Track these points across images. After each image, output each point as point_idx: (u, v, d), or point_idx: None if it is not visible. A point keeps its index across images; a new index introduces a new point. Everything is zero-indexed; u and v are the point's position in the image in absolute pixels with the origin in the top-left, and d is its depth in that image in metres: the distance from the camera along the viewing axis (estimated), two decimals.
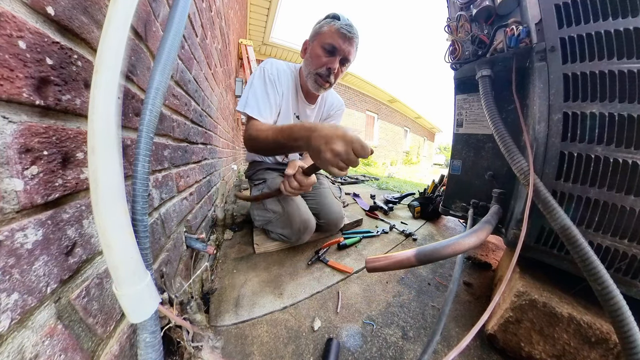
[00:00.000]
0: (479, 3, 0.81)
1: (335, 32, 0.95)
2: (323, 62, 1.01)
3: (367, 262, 0.60)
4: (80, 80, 0.33)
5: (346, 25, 0.94)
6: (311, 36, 1.04)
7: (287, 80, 1.12)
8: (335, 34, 0.95)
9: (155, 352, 0.38)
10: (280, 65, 1.11)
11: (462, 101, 0.99)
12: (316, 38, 1.01)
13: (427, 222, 1.68)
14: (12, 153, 0.24)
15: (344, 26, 0.94)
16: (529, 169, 0.61)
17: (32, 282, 0.26)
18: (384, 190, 2.94)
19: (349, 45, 0.98)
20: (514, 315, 0.61)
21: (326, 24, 0.97)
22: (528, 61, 0.71)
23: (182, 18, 0.44)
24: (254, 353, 0.63)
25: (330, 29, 0.96)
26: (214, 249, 0.83)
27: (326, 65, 1.00)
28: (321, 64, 1.01)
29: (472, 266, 1.08)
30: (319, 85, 1.07)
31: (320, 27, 0.99)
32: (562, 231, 0.53)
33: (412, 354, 0.65)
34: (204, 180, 1.14)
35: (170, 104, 0.68)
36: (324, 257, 1.07)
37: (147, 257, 0.39)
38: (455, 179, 1.05)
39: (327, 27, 0.97)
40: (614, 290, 0.45)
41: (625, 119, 0.51)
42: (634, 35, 0.50)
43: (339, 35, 0.95)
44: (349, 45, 0.98)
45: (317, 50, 1.01)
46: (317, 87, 1.09)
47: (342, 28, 0.94)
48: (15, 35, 0.24)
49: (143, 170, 0.38)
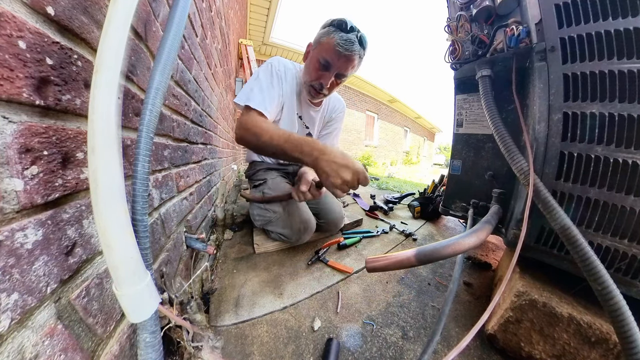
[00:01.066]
0: (479, 3, 0.81)
1: (332, 48, 0.90)
2: (317, 76, 0.99)
3: (367, 262, 0.60)
4: (80, 80, 0.33)
5: (344, 42, 0.87)
6: (314, 41, 1.00)
7: (292, 80, 1.12)
8: (331, 49, 0.90)
9: (155, 352, 0.38)
10: (287, 64, 1.11)
11: (462, 101, 0.99)
12: (316, 47, 0.97)
13: (427, 222, 1.68)
14: (12, 153, 0.24)
15: (341, 43, 0.87)
16: (529, 169, 0.61)
17: (32, 282, 0.26)
18: (384, 190, 2.94)
19: (346, 61, 0.92)
20: (514, 315, 0.61)
21: (326, 34, 0.92)
22: (528, 61, 0.71)
23: (182, 18, 0.44)
24: (254, 353, 0.63)
25: (328, 42, 0.91)
26: (214, 249, 0.83)
27: (319, 80, 0.99)
28: (315, 78, 1.00)
29: (472, 266, 1.08)
30: (312, 96, 1.08)
31: (321, 37, 0.95)
32: (562, 231, 0.53)
33: (412, 354, 0.65)
34: (204, 180, 1.14)
35: (170, 104, 0.68)
36: (324, 257, 1.07)
37: (147, 257, 0.39)
38: (455, 179, 1.05)
39: (326, 38, 0.91)
40: (614, 290, 0.45)
41: (625, 119, 0.51)
42: (634, 35, 0.50)
43: (334, 51, 0.90)
44: (346, 61, 0.92)
45: (314, 62, 0.98)
46: (310, 97, 1.10)
47: (338, 45, 0.88)
48: (15, 35, 0.24)
49: (143, 170, 0.38)
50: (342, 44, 0.88)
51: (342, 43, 0.88)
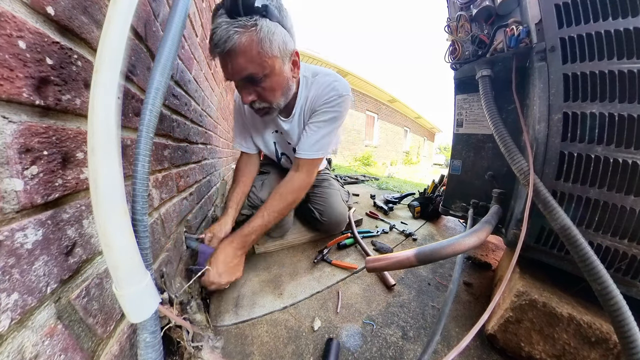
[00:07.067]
0: (479, 3, 0.81)
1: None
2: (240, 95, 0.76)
3: (367, 262, 0.60)
4: (80, 80, 0.33)
5: (212, 35, 0.59)
6: None
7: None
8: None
9: (155, 352, 0.38)
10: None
11: (462, 101, 0.99)
12: None
13: (427, 222, 1.68)
14: (12, 153, 0.24)
15: (213, 48, 0.61)
16: (529, 169, 0.61)
17: (32, 282, 0.26)
18: (384, 190, 2.93)
19: (230, 59, 0.62)
20: (514, 315, 0.61)
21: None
22: (528, 61, 0.71)
23: (182, 18, 0.44)
24: (254, 353, 0.63)
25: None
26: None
27: (242, 98, 0.76)
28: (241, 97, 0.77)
29: (472, 266, 1.08)
30: (260, 115, 0.86)
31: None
32: (562, 231, 0.53)
33: (412, 354, 0.65)
34: (204, 180, 1.14)
35: (170, 104, 0.68)
36: (327, 257, 1.07)
37: (147, 257, 0.39)
38: (455, 179, 1.05)
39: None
40: (614, 290, 0.45)
41: (625, 119, 0.51)
42: (634, 35, 0.50)
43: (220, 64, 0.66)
44: (230, 59, 0.62)
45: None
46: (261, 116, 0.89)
47: (213, 55, 0.63)
48: (15, 35, 0.24)
49: (143, 170, 0.38)
50: (211, 45, 0.61)
51: (210, 42, 0.61)
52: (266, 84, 0.71)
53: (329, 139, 0.94)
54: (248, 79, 0.68)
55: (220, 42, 0.58)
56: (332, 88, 0.90)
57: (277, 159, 1.22)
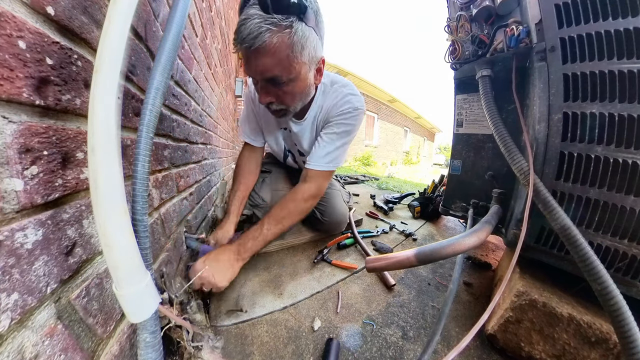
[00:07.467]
0: (479, 3, 0.81)
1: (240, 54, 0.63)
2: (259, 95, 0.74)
3: (367, 262, 0.60)
4: (80, 80, 0.33)
5: (238, 29, 0.57)
6: None
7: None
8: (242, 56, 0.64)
9: (155, 352, 0.38)
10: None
11: (462, 101, 0.99)
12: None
13: (427, 222, 1.68)
14: (12, 153, 0.24)
15: (237, 34, 0.58)
16: (529, 169, 0.61)
17: (32, 282, 0.26)
18: (384, 190, 2.93)
19: (255, 57, 0.60)
20: (514, 315, 0.61)
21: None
22: (528, 61, 0.71)
23: (182, 18, 0.44)
24: (253, 353, 0.63)
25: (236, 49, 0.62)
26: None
27: (260, 98, 0.74)
28: (259, 97, 0.75)
29: (472, 266, 1.08)
30: (275, 117, 0.87)
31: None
32: (562, 231, 0.53)
33: (412, 354, 0.65)
34: (204, 180, 1.14)
35: (170, 104, 0.68)
36: (327, 257, 1.07)
37: (147, 257, 0.39)
38: (455, 179, 1.05)
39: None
40: (614, 290, 0.45)
41: (625, 119, 0.51)
42: (634, 35, 0.50)
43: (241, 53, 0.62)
44: (255, 57, 0.60)
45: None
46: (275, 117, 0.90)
47: (235, 41, 0.59)
48: (15, 35, 0.24)
49: (143, 170, 0.38)
50: (237, 36, 0.57)
51: (237, 33, 0.57)
52: (288, 87, 0.69)
53: (340, 151, 0.95)
54: (270, 80, 0.66)
55: (249, 38, 0.55)
56: (347, 100, 0.90)
57: (284, 157, 1.22)
